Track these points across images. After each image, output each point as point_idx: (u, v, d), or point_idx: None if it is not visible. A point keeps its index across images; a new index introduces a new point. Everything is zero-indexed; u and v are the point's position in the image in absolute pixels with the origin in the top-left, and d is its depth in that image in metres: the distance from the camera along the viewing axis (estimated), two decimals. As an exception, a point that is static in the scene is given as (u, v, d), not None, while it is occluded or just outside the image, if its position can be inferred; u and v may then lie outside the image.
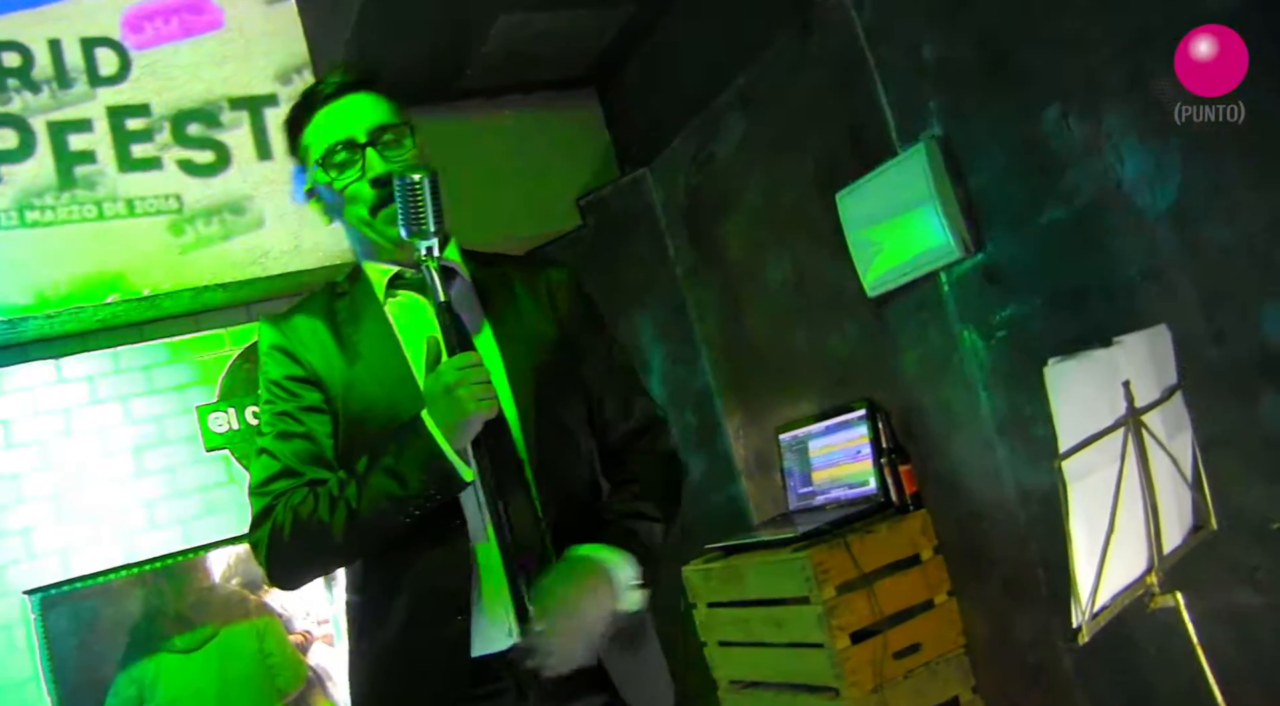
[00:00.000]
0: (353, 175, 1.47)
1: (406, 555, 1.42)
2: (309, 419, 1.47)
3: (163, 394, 3.49)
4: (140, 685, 3.33)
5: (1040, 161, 2.38)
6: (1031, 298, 2.49)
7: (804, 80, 3.10)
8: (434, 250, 1.38)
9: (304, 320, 1.52)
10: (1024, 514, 2.61)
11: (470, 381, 1.32)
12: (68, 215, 3.29)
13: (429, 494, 1.35)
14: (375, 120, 1.49)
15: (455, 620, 1.40)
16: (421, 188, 1.35)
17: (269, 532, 1.41)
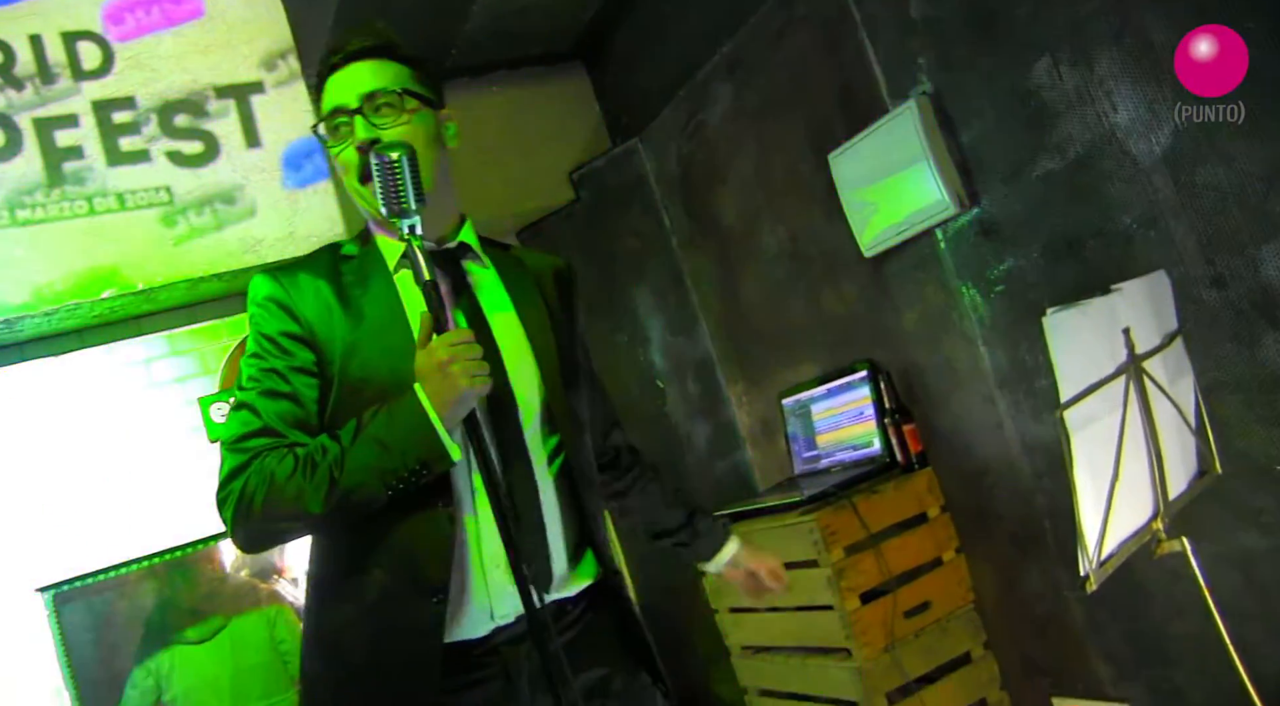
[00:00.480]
0: (345, 141, 1.46)
1: (380, 530, 1.38)
2: (297, 379, 1.41)
3: (163, 387, 3.49)
4: (157, 676, 3.35)
5: (1032, 113, 2.37)
6: (1029, 250, 2.48)
7: (791, 43, 3.07)
8: (416, 228, 1.35)
9: (307, 278, 1.47)
10: (1029, 467, 2.61)
11: (464, 357, 1.30)
12: (59, 212, 3.27)
13: (415, 469, 1.32)
14: (371, 86, 1.46)
15: (430, 603, 1.36)
16: (400, 165, 1.33)
17: (239, 490, 1.35)
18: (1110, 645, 2.53)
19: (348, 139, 1.45)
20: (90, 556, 3.25)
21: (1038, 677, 2.75)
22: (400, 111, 1.46)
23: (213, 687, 3.38)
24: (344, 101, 1.46)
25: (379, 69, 1.49)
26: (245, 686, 3.42)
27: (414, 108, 1.48)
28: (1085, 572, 1.66)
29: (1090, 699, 2.61)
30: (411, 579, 1.37)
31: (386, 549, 1.39)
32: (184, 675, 3.36)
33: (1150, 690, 2.45)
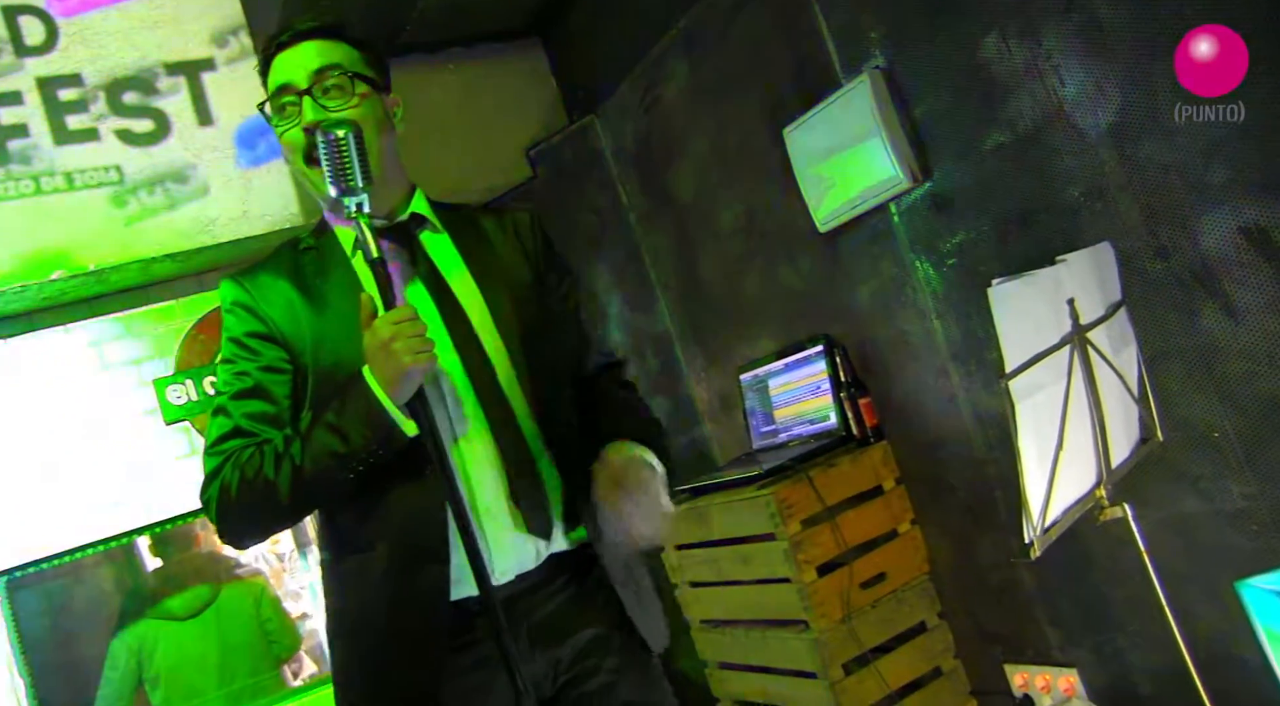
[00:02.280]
0: (288, 123, 1.46)
1: (376, 504, 1.42)
2: (266, 378, 1.45)
3: (117, 369, 3.45)
4: (139, 654, 3.33)
5: (983, 87, 2.39)
6: (980, 223, 2.50)
7: (745, 18, 3.07)
8: (364, 206, 1.36)
9: (268, 277, 1.50)
10: (981, 438, 2.65)
11: (406, 334, 1.31)
12: (3, 192, 3.22)
13: (371, 449, 1.35)
14: (319, 64, 1.45)
15: (433, 568, 1.39)
16: (346, 143, 1.33)
17: (218, 491, 1.41)
18: (1057, 611, 2.58)
19: (294, 119, 1.45)
20: (45, 541, 3.21)
21: (990, 645, 2.80)
22: (349, 94, 1.46)
23: (198, 665, 3.37)
24: (292, 79, 1.45)
25: (328, 49, 1.48)
26: (232, 664, 3.41)
27: (364, 92, 1.48)
28: (1029, 539, 1.70)
29: (1039, 664, 2.66)
30: (413, 546, 1.40)
31: (384, 521, 1.42)
32: (167, 652, 3.34)
33: (1095, 653, 2.50)
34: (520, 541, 1.44)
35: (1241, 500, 2.05)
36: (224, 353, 1.50)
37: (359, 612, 1.45)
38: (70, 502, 3.27)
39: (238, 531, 1.45)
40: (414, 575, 1.40)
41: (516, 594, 1.44)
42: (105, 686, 3.31)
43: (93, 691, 3.35)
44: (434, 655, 1.39)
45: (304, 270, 1.51)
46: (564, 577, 1.51)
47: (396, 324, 1.32)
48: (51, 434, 3.31)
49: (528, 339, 1.51)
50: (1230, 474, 2.05)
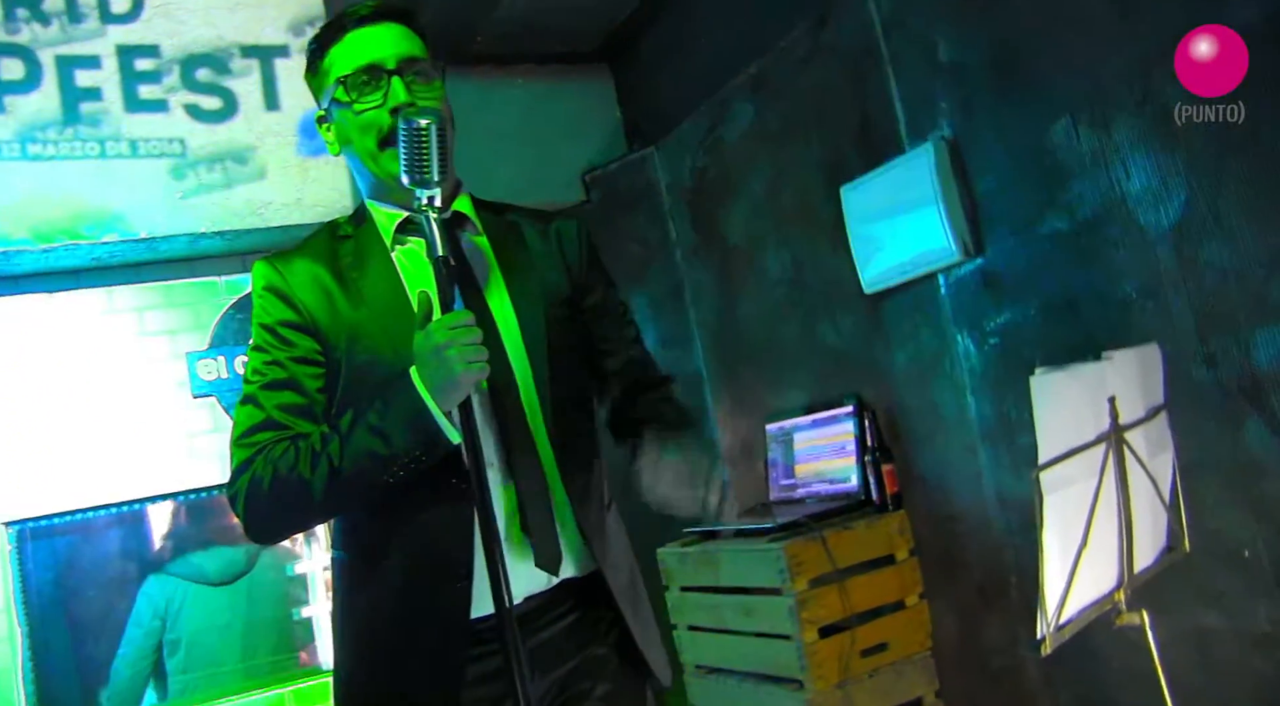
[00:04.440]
0: (373, 100, 1.41)
1: (403, 512, 1.38)
2: (299, 369, 1.41)
3: (154, 337, 3.48)
4: (164, 614, 3.32)
5: (1047, 170, 2.37)
6: (1027, 305, 2.48)
7: (816, 71, 3.07)
8: (435, 200, 1.32)
9: (305, 264, 1.45)
10: (1002, 521, 2.62)
11: (461, 342, 1.27)
12: (70, 151, 3.27)
13: (413, 454, 1.31)
14: (406, 51, 1.44)
15: (456, 585, 1.36)
16: (427, 133, 1.29)
17: (247, 486, 1.36)
18: (1060, 707, 2.54)
19: (376, 99, 1.41)
20: (60, 497, 3.24)
21: (985, 730, 2.75)
22: (430, 82, 1.45)
23: (224, 635, 3.36)
24: (380, 58, 1.42)
25: (410, 37, 1.46)
26: (257, 638, 3.40)
27: (440, 87, 1.46)
28: (1042, 634, 1.67)
29: (1034, 758, 2.61)
30: (437, 560, 1.38)
31: (410, 531, 1.39)
32: (194, 616, 3.33)
33: (1094, 756, 2.45)
34: (527, 567, 1.42)
35: (1268, 624, 2.00)
36: (256, 339, 1.44)
37: (371, 618, 1.43)
38: (90, 462, 3.29)
39: (265, 527, 1.43)
40: (435, 590, 1.37)
41: (522, 615, 1.41)
42: (127, 645, 3.31)
43: (89, 647, 3.36)
44: (450, 673, 1.37)
45: (341, 259, 1.45)
46: (570, 602, 1.49)
47: (452, 329, 1.28)
48: (81, 392, 3.34)
49: (555, 360, 1.47)
50: (1258, 595, 2.01)
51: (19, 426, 3.24)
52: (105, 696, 3.27)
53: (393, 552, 1.40)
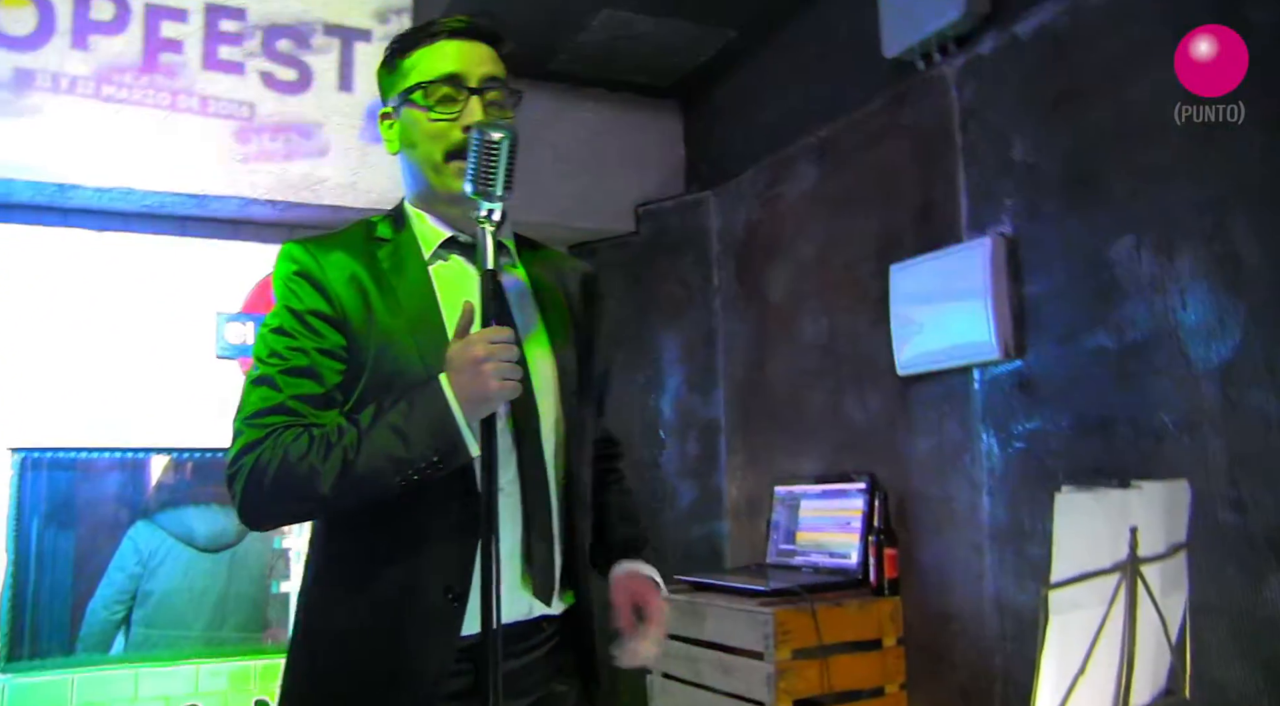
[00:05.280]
0: (449, 113, 1.42)
1: (403, 522, 1.36)
2: (323, 362, 1.37)
3: (188, 292, 3.49)
4: (144, 563, 3.31)
5: (1102, 285, 2.36)
6: (1059, 417, 2.46)
7: (887, 146, 3.08)
8: (494, 214, 1.31)
9: (343, 258, 1.42)
10: (996, 625, 2.58)
11: (499, 357, 1.27)
12: (141, 97, 3.30)
13: (431, 461, 1.29)
14: (491, 72, 1.45)
15: (448, 601, 1.35)
16: (500, 148, 1.29)
17: (250, 466, 1.32)
18: (1024, 825, 2.48)
19: (452, 112, 1.42)
20: (66, 432, 3.24)
21: None
22: (505, 109, 1.46)
23: (196, 601, 3.34)
24: (465, 72, 1.43)
25: (494, 59, 1.48)
26: (227, 610, 3.38)
27: (513, 114, 1.48)
28: (1026, 756, 1.63)
29: None
30: (432, 577, 1.36)
31: (408, 543, 1.36)
32: (171, 573, 3.32)
33: None
34: (519, 595, 1.42)
35: (1256, 784, 1.96)
36: (280, 322, 1.39)
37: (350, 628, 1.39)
38: (103, 403, 3.30)
39: (260, 511, 1.37)
40: (427, 606, 1.35)
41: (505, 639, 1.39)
42: (107, 587, 3.31)
43: (71, 584, 3.36)
44: (428, 688, 1.35)
45: (380, 263, 1.43)
46: (544, 635, 1.48)
47: (493, 343, 1.27)
48: (108, 333, 3.35)
49: (574, 399, 1.48)
50: (1251, 754, 1.97)
51: (42, 355, 3.25)
52: (81, 635, 3.26)
53: (388, 563, 1.37)
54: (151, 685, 3.08)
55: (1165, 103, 2.18)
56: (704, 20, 3.53)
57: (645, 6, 3.39)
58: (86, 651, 3.22)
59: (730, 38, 3.62)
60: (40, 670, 3.01)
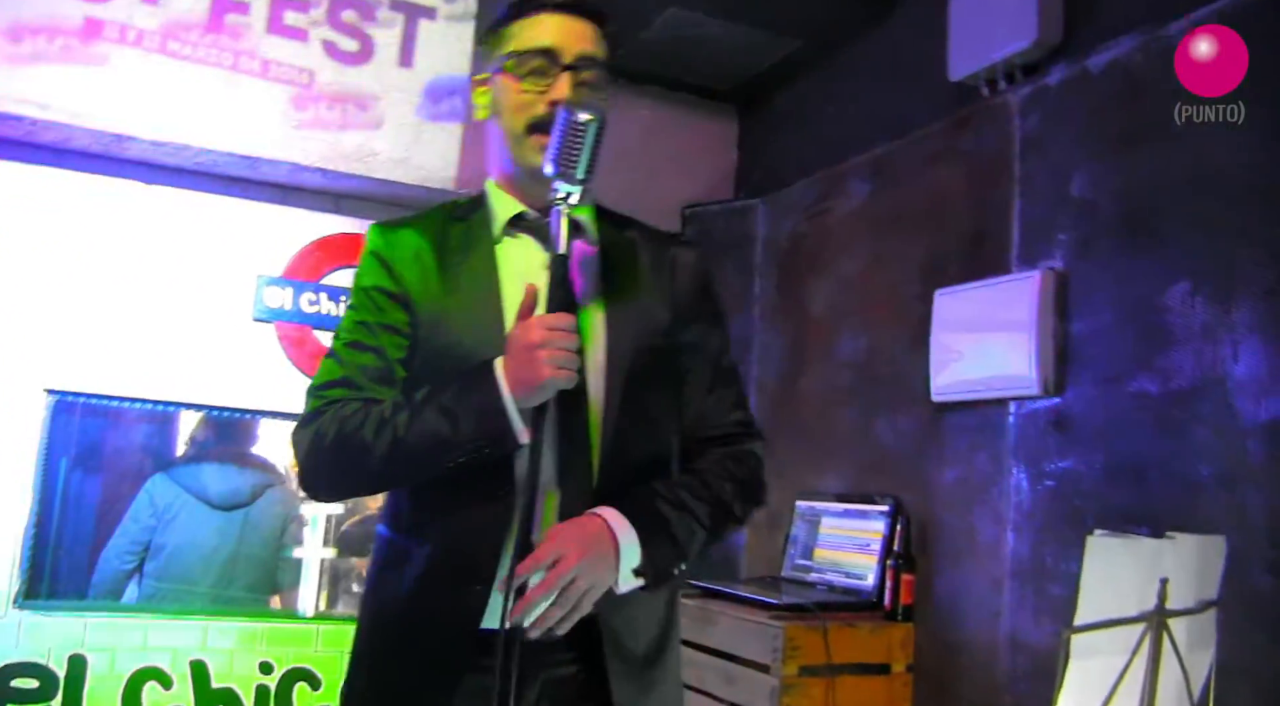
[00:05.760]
0: (537, 86, 1.38)
1: (443, 502, 1.36)
2: (385, 337, 1.40)
3: (231, 252, 3.51)
4: (159, 515, 3.35)
5: (1151, 329, 2.32)
6: (1093, 458, 2.42)
7: (943, 170, 3.05)
8: (572, 198, 1.27)
9: (412, 236, 1.44)
10: (1009, 663, 2.55)
11: (557, 345, 1.24)
12: (204, 56, 3.32)
13: (478, 445, 1.28)
14: (588, 51, 1.40)
15: (473, 588, 1.32)
16: (586, 130, 1.25)
17: (311, 436, 1.36)
18: None
19: (540, 87, 1.38)
20: (98, 379, 3.27)
21: None
22: (598, 90, 1.41)
23: (206, 558, 3.37)
24: (560, 47, 1.39)
25: (596, 37, 1.43)
26: (236, 570, 3.41)
27: (604, 95, 1.42)
28: (1033, 800, 1.61)
29: None
30: (459, 561, 1.34)
31: (444, 525, 1.36)
32: (184, 528, 3.35)
33: None
34: None
35: None
36: (352, 298, 1.45)
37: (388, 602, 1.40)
38: (136, 354, 3.32)
39: (319, 483, 1.41)
40: (449, 589, 1.34)
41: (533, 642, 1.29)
42: (121, 535, 3.34)
43: (89, 530, 3.39)
44: (447, 674, 1.33)
45: (449, 242, 1.44)
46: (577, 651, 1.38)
47: (552, 329, 1.24)
48: (148, 285, 3.38)
49: (630, 392, 1.40)
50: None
51: (82, 301, 3.28)
52: (94, 581, 3.29)
53: (423, 542, 1.37)
54: (160, 636, 3.11)
55: (1238, 150, 2.14)
56: (772, 27, 3.51)
57: (713, 8, 3.37)
58: (99, 597, 3.25)
59: (795, 47, 3.60)
60: (55, 610, 3.05)
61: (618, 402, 1.39)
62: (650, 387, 1.43)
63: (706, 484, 1.42)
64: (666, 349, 1.46)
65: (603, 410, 1.38)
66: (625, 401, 1.39)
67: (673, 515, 1.36)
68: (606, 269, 1.46)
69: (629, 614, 1.39)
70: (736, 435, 1.51)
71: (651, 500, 1.36)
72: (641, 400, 1.41)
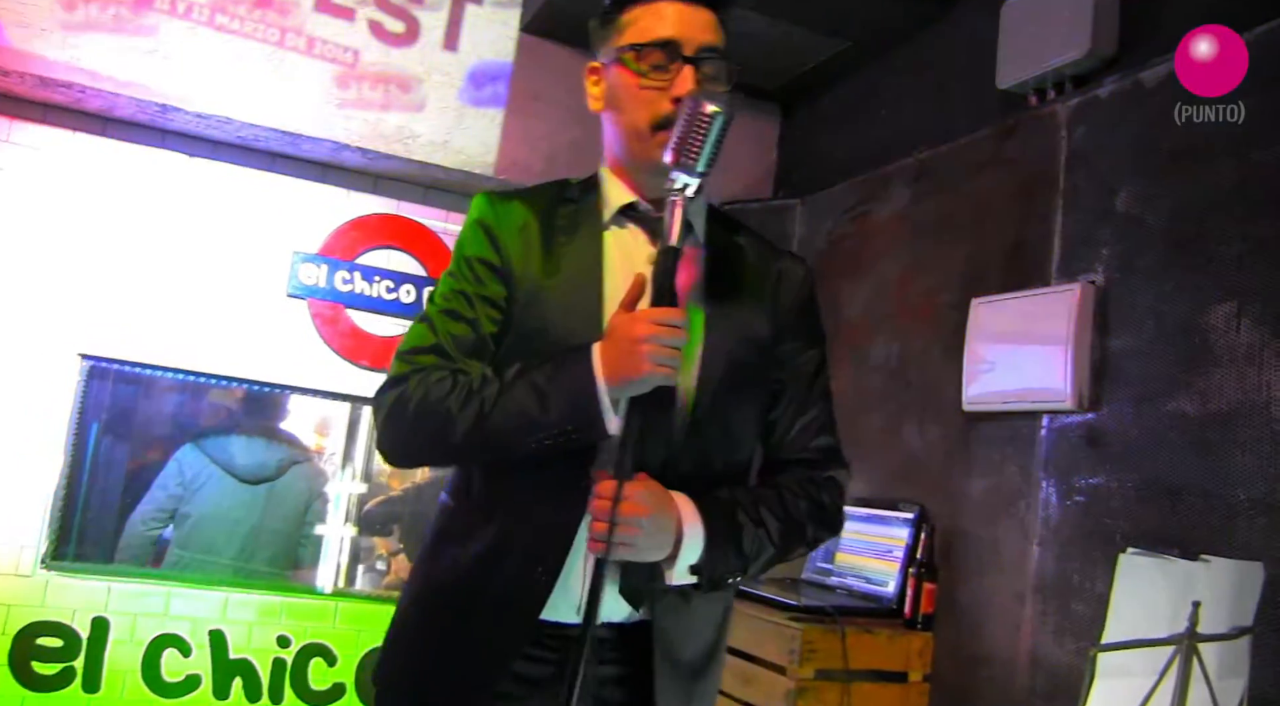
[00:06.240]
0: (659, 81, 1.33)
1: (519, 483, 1.33)
2: (481, 308, 1.36)
3: (269, 227, 3.54)
4: (186, 485, 3.39)
5: (1193, 349, 2.29)
6: (1126, 476, 2.39)
7: (986, 178, 3.01)
8: (689, 190, 1.23)
9: (521, 210, 1.40)
10: (1028, 680, 2.53)
11: (663, 341, 1.19)
12: (251, 31, 3.35)
13: (565, 429, 1.24)
14: (710, 42, 1.35)
15: (537, 574, 1.30)
16: (713, 122, 1.22)
17: (394, 400, 1.33)
18: None
19: (663, 81, 1.33)
20: (130, 347, 3.30)
21: None
22: (719, 83, 1.36)
23: (229, 529, 3.41)
24: (684, 38, 1.33)
25: (718, 29, 1.38)
26: (258, 543, 3.45)
27: (727, 88, 1.37)
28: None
29: None
30: (527, 545, 1.32)
31: (515, 507, 1.33)
32: (210, 499, 3.39)
33: None
34: (615, 595, 1.33)
35: None
36: (452, 265, 1.40)
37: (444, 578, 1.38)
38: (171, 323, 3.36)
39: (397, 447, 1.37)
40: (514, 573, 1.31)
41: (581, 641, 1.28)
42: (149, 502, 3.39)
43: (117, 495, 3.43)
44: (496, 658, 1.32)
45: (556, 221, 1.40)
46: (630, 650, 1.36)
47: (658, 324, 1.20)
48: (187, 256, 3.41)
49: (718, 400, 1.36)
50: None
51: (119, 269, 3.32)
52: (120, 545, 3.33)
53: (493, 519, 1.35)
54: (181, 604, 3.14)
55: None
56: (821, 28, 3.48)
57: (762, 5, 3.35)
58: (124, 562, 3.29)
59: (843, 47, 3.57)
60: (81, 572, 3.09)
61: (705, 409, 1.35)
62: (739, 398, 1.40)
63: (784, 502, 1.39)
64: (761, 363, 1.42)
65: (689, 414, 1.35)
66: (713, 408, 1.36)
67: (748, 525, 1.34)
68: (712, 271, 1.41)
69: (684, 621, 1.37)
70: (822, 461, 1.48)
71: (731, 505, 1.34)
72: (728, 409, 1.38)
